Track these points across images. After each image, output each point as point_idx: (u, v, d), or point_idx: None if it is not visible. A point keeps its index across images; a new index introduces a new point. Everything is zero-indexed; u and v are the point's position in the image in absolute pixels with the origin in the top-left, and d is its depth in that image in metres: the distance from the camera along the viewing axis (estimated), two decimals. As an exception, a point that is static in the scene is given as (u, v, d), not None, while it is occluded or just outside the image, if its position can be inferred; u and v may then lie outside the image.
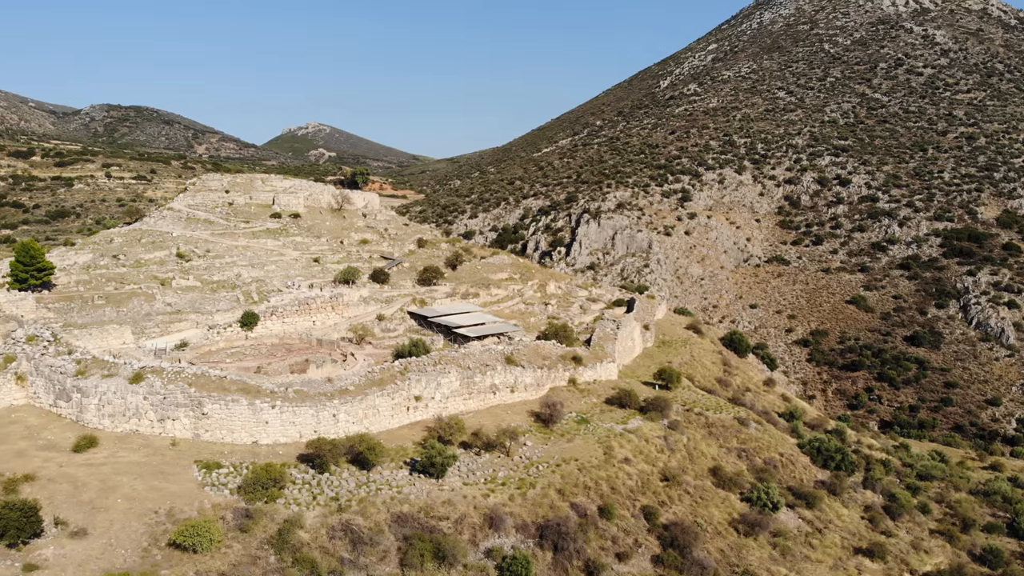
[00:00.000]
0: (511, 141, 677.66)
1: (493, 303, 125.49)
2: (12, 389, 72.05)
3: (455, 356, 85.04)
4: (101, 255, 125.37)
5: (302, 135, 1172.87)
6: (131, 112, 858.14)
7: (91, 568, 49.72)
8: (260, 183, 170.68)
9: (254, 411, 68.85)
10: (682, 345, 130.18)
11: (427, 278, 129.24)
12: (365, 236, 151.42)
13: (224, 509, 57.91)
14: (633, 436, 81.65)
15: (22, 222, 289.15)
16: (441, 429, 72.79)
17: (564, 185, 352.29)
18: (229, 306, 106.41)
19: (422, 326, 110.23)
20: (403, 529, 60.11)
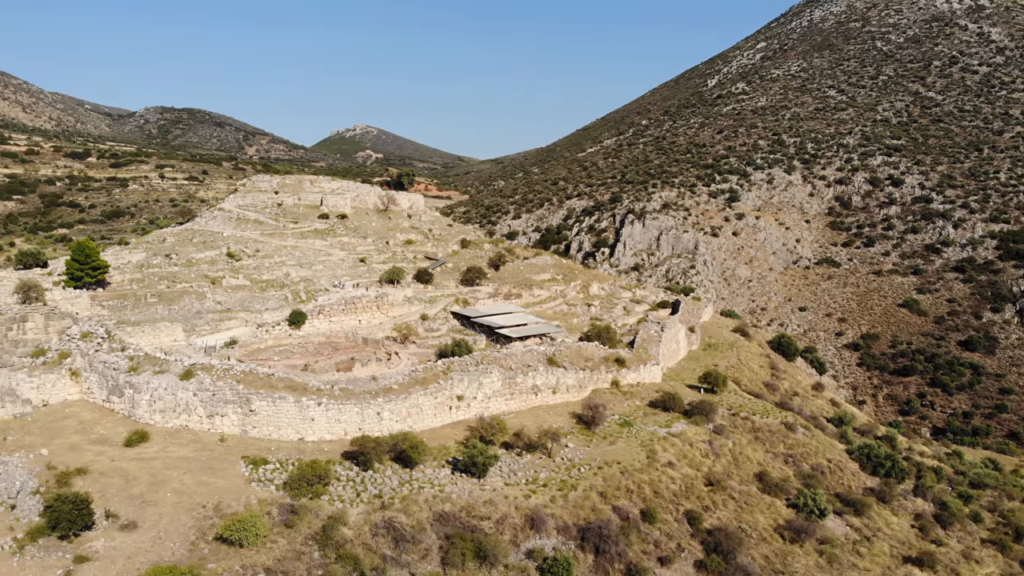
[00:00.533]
0: (555, 141, 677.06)
1: (535, 304, 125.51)
2: (67, 384, 74.51)
3: (497, 356, 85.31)
4: (154, 254, 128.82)
5: (350, 137, 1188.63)
6: (184, 114, 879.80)
7: (140, 561, 51.14)
8: (308, 184, 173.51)
9: (300, 408, 70.09)
10: (729, 348, 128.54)
11: (470, 278, 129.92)
12: (410, 237, 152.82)
13: (270, 505, 59.05)
14: (677, 440, 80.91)
15: (78, 221, 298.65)
16: (483, 429, 73.09)
17: (608, 185, 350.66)
18: (277, 305, 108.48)
19: (465, 326, 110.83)
20: (445, 528, 60.53)
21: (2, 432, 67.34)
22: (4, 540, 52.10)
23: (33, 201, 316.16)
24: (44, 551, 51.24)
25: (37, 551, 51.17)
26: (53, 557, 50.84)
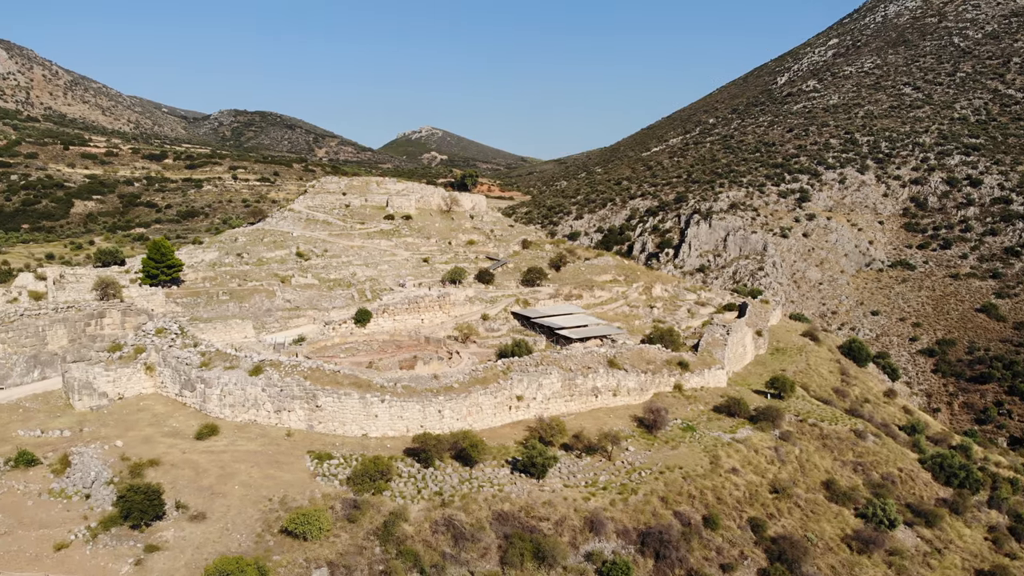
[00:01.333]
0: (619, 141, 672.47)
1: (596, 305, 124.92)
2: (141, 378, 77.59)
3: (557, 357, 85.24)
4: (226, 253, 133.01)
5: (416, 139, 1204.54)
6: (256, 117, 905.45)
7: (208, 551, 52.86)
8: (375, 186, 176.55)
9: (364, 405, 71.42)
10: (797, 353, 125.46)
11: (531, 279, 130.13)
12: (472, 237, 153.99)
13: (333, 499, 60.30)
14: (742, 446, 79.47)
15: (155, 221, 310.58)
16: (542, 430, 73.14)
17: (673, 185, 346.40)
18: (344, 303, 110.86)
19: (525, 326, 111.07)
20: (504, 527, 60.79)
21: (79, 423, 70.61)
22: (78, 528, 54.61)
23: (112, 201, 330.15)
24: (116, 540, 53.47)
25: (110, 539, 53.43)
26: (125, 546, 52.99)
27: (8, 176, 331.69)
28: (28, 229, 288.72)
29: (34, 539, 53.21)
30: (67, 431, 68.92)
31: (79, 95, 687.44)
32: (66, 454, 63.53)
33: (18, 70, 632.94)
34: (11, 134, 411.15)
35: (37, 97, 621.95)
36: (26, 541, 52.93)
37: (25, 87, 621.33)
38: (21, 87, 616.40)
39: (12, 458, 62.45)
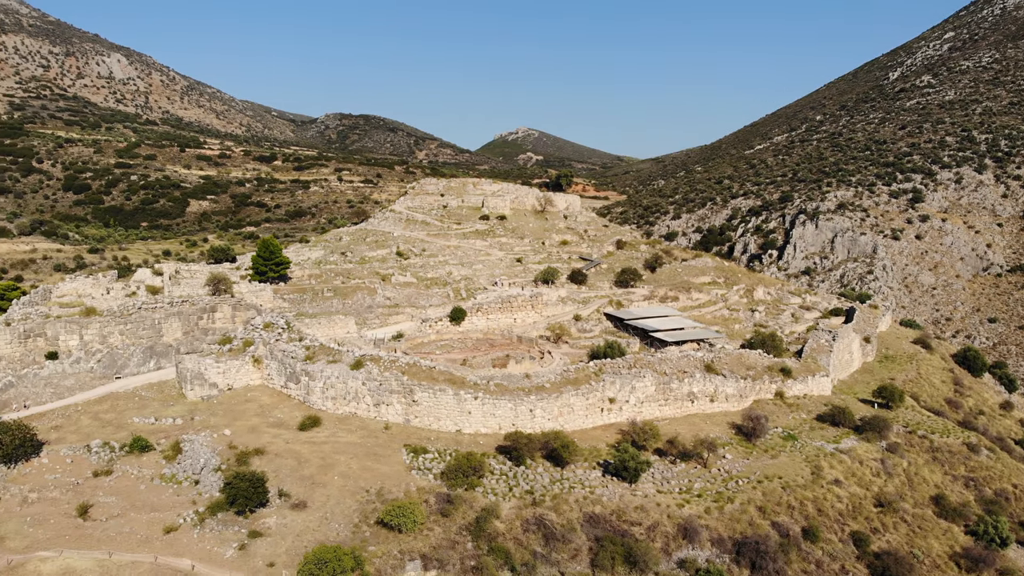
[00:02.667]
0: (720, 139, 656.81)
1: (693, 308, 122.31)
2: (249, 371, 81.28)
3: (651, 360, 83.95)
4: (331, 252, 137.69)
5: (512, 140, 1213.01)
6: (360, 120, 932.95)
7: (308, 539, 54.76)
8: (471, 187, 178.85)
9: (459, 401, 72.50)
10: (907, 361, 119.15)
11: (625, 280, 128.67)
12: (565, 237, 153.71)
13: (428, 493, 61.42)
14: (845, 457, 76.17)
15: (264, 220, 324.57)
16: (635, 433, 72.20)
17: (778, 184, 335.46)
18: (440, 301, 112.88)
19: (618, 328, 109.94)
20: (595, 530, 60.37)
21: (191, 412, 74.59)
22: (187, 513, 57.63)
23: (225, 201, 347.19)
24: (222, 525, 56.12)
25: (216, 524, 56.13)
26: (230, 531, 55.55)
27: (128, 176, 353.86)
28: (147, 227, 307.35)
29: (145, 522, 56.50)
30: (179, 419, 72.96)
31: (194, 100, 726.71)
32: (178, 441, 67.24)
33: (138, 76, 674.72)
34: (131, 137, 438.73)
35: (155, 101, 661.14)
36: (138, 523, 56.26)
37: (144, 92, 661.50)
38: (140, 92, 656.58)
39: (127, 444, 66.59)
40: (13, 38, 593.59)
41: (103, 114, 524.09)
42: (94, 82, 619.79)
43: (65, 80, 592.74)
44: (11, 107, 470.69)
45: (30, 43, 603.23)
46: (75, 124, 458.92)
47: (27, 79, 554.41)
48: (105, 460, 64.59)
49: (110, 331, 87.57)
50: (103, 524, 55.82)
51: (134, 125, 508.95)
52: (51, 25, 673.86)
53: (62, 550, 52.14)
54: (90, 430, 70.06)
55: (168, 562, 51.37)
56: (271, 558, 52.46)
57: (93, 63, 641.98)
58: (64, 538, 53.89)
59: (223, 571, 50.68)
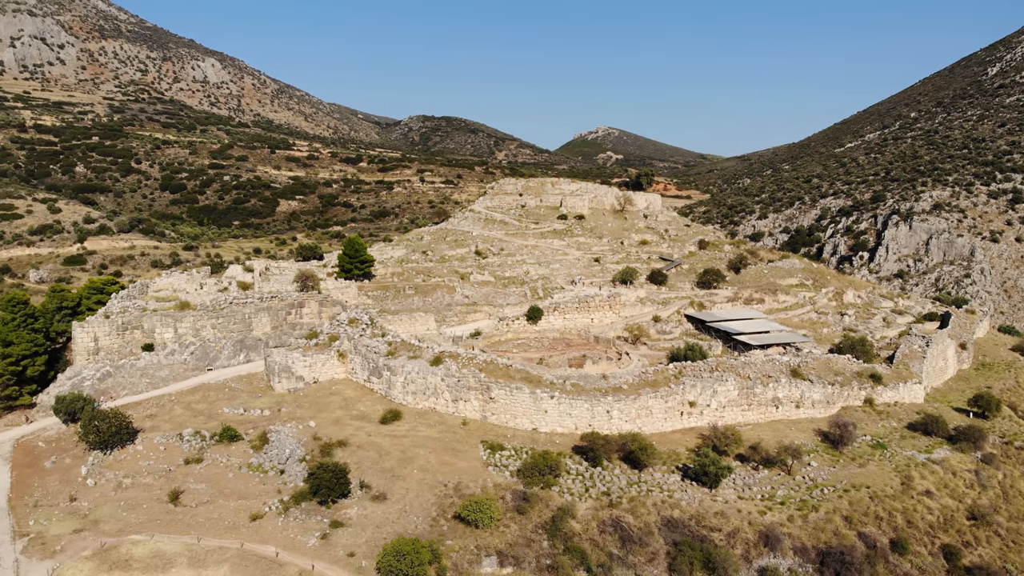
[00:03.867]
0: (809, 136, 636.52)
1: (779, 310, 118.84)
2: (334, 364, 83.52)
3: (734, 364, 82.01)
4: (412, 250, 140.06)
5: (592, 139, 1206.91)
6: (442, 122, 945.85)
7: (387, 531, 55.74)
8: (550, 186, 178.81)
9: (535, 400, 72.53)
10: (1006, 369, 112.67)
11: (707, 281, 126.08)
12: (645, 237, 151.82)
13: (504, 490, 61.66)
14: (937, 467, 72.60)
15: (350, 220, 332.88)
16: (716, 438, 70.65)
17: (870, 183, 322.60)
18: (517, 300, 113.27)
19: (699, 330, 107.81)
20: (673, 534, 59.37)
21: (278, 404, 77.07)
22: (272, 501, 59.54)
23: (312, 201, 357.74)
24: (305, 514, 57.73)
25: (300, 513, 57.79)
26: (313, 520, 57.09)
27: (221, 177, 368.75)
28: (238, 226, 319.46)
29: (232, 509, 58.65)
30: (267, 410, 75.48)
31: (284, 103, 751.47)
32: (265, 432, 69.57)
33: (230, 79, 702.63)
34: (224, 139, 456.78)
35: (247, 104, 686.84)
36: (225, 510, 58.45)
37: (237, 95, 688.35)
38: (233, 95, 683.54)
39: (217, 433, 69.32)
40: (113, 43, 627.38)
41: (198, 117, 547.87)
42: (189, 86, 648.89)
43: (162, 84, 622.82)
44: (111, 110, 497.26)
45: (129, 48, 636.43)
46: (171, 126, 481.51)
47: (126, 83, 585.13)
48: (196, 448, 67.38)
49: (203, 324, 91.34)
50: (192, 510, 58.23)
51: (227, 127, 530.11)
52: (149, 31, 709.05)
53: (153, 534, 54.63)
54: (182, 419, 73.24)
55: (253, 548, 53.15)
56: (351, 548, 53.64)
57: (189, 67, 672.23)
58: (155, 523, 56.46)
59: (305, 559, 52.12)
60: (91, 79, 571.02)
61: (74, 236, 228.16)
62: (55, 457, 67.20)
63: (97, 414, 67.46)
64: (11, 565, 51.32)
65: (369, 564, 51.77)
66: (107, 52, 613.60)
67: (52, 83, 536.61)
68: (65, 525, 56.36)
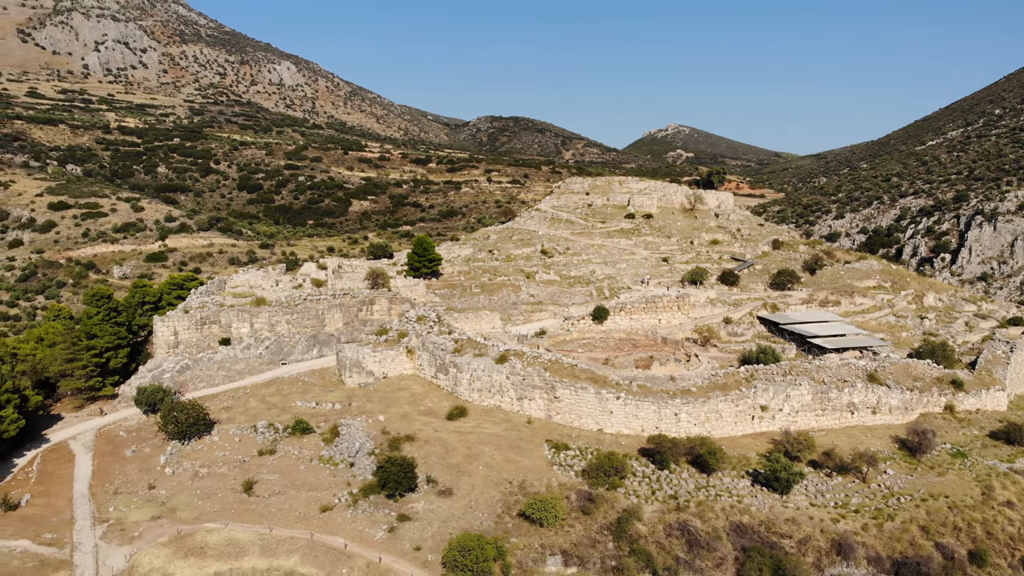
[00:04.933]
0: (888, 134, 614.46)
1: (856, 313, 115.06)
2: (403, 360, 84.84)
3: (808, 368, 79.85)
4: (479, 249, 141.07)
5: (661, 137, 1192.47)
6: (510, 123, 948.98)
7: (453, 526, 56.29)
8: (617, 185, 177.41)
9: (600, 400, 72.10)
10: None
11: (780, 282, 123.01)
12: (716, 236, 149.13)
13: (569, 489, 61.52)
14: (1020, 477, 69.20)
15: (419, 219, 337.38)
16: (788, 443, 68.90)
17: (952, 182, 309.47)
18: (583, 300, 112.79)
19: (772, 332, 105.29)
20: (741, 539, 58.21)
21: (348, 398, 78.71)
22: (342, 493, 60.83)
23: (383, 201, 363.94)
24: (373, 507, 58.79)
25: (368, 506, 58.88)
26: (380, 513, 58.08)
27: (296, 178, 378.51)
28: (312, 225, 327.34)
29: (303, 500, 60.19)
30: (337, 404, 77.19)
31: (356, 105, 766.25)
32: (336, 425, 71.17)
33: (305, 82, 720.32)
34: (299, 140, 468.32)
35: (321, 107, 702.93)
36: (296, 501, 60.02)
37: (311, 98, 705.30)
38: (308, 98, 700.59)
39: (290, 426, 71.26)
40: (193, 48, 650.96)
41: (274, 119, 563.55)
42: (266, 88, 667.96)
43: (240, 87, 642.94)
44: (191, 112, 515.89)
45: (208, 52, 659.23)
46: (249, 128, 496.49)
47: (206, 86, 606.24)
48: (269, 440, 69.39)
49: (278, 320, 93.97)
50: (265, 500, 59.98)
51: (302, 129, 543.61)
52: (227, 35, 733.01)
53: (227, 523, 56.49)
54: (257, 412, 75.52)
55: (323, 539, 54.43)
56: (418, 542, 54.37)
57: (265, 71, 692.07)
58: (229, 511, 58.38)
59: (373, 551, 53.07)
60: (172, 82, 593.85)
61: (156, 234, 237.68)
62: (135, 446, 70.20)
63: (176, 405, 70.18)
64: (91, 550, 53.87)
65: (435, 559, 52.37)
66: (187, 56, 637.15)
67: (135, 86, 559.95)
68: (143, 512, 58.81)
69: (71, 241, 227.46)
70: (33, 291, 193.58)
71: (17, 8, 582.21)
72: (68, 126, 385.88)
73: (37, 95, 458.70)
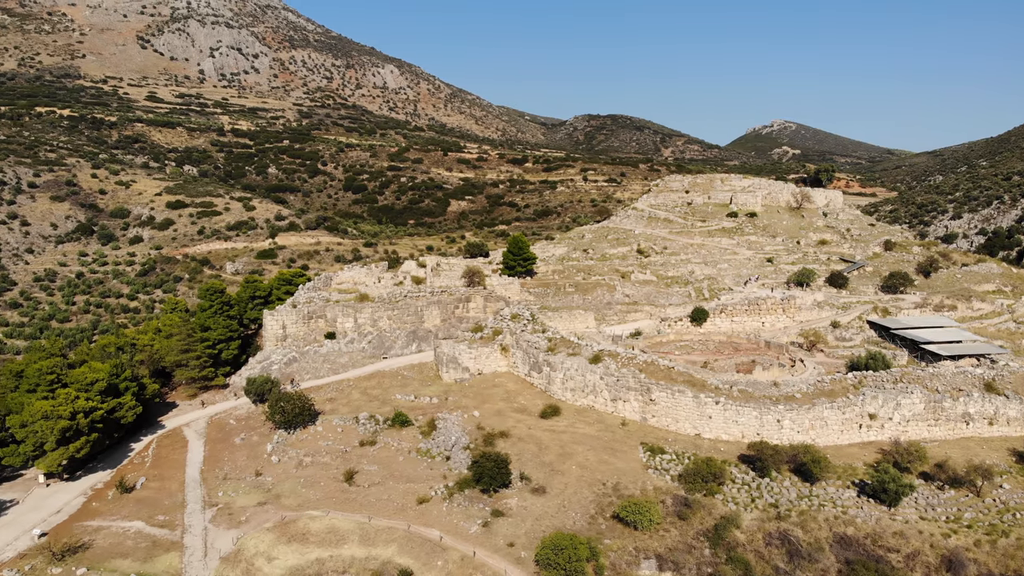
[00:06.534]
0: (1009, 130, 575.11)
1: (974, 319, 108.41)
2: (497, 358, 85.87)
3: (921, 375, 75.88)
4: (573, 249, 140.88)
5: (766, 134, 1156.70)
6: (607, 121, 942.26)
7: (546, 524, 56.53)
8: (719, 183, 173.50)
9: (698, 404, 70.74)
10: None
11: (892, 285, 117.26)
12: (824, 236, 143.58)
13: (664, 494, 60.72)
14: None
15: (514, 219, 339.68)
16: (898, 454, 65.73)
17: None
18: (680, 301, 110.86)
19: (882, 337, 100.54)
20: (845, 552, 55.97)
21: (445, 393, 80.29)
22: (438, 486, 62.09)
23: (480, 201, 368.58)
24: (468, 501, 59.72)
25: (463, 500, 59.87)
26: (475, 507, 58.95)
27: (398, 179, 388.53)
28: (413, 224, 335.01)
29: (401, 491, 61.78)
30: (435, 398, 78.88)
31: (456, 107, 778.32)
32: (433, 419, 72.75)
33: (407, 85, 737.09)
34: (401, 142, 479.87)
35: (423, 109, 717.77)
36: (395, 492, 61.67)
37: (413, 100, 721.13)
38: (410, 100, 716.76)
39: (390, 418, 73.33)
40: (302, 52, 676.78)
41: (377, 121, 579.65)
42: (370, 92, 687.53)
43: (346, 90, 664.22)
44: (300, 115, 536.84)
45: (316, 57, 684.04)
46: (354, 130, 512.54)
47: (313, 90, 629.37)
48: (370, 431, 71.63)
49: (379, 316, 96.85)
50: (365, 490, 61.94)
51: (404, 131, 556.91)
52: (334, 40, 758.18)
53: (329, 511, 58.65)
54: (359, 403, 78.09)
55: (419, 531, 55.76)
56: (511, 538, 54.92)
57: (370, 74, 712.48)
58: (331, 500, 60.59)
59: (467, 545, 53.98)
60: (282, 86, 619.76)
61: (266, 232, 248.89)
62: (244, 434, 73.83)
63: (283, 396, 73.40)
64: (200, 533, 56.97)
65: (528, 555, 52.78)
66: (296, 61, 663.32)
67: (247, 90, 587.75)
68: (250, 498, 61.75)
69: (187, 238, 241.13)
70: (152, 285, 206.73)
71: (137, 16, 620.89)
72: (185, 129, 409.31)
73: (156, 99, 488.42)
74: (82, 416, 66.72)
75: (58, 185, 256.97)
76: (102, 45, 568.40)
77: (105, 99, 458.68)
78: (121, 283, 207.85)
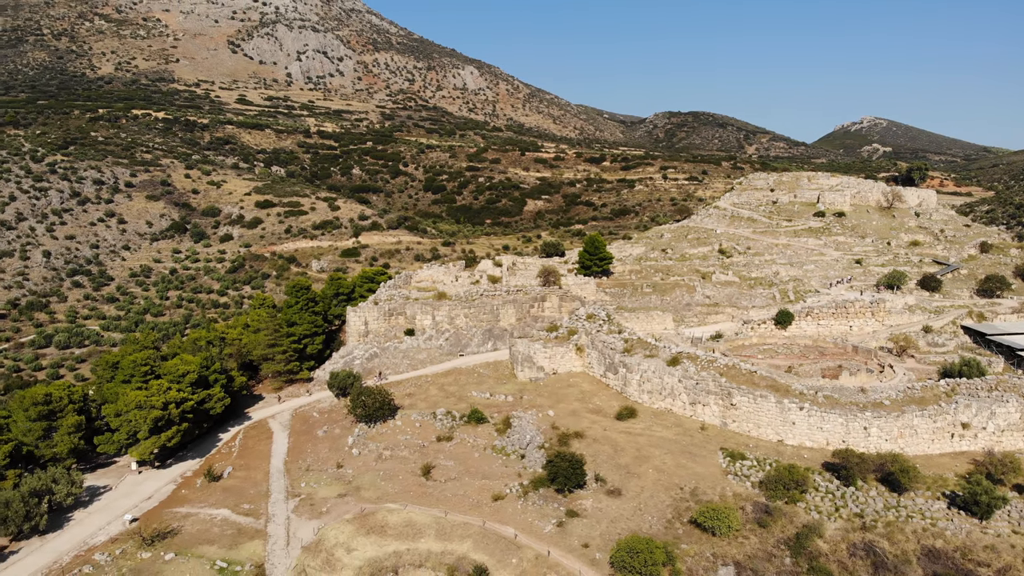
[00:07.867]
0: None
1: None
2: (572, 358, 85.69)
3: (1017, 383, 71.90)
4: (651, 248, 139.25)
5: (855, 131, 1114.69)
6: (689, 118, 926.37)
7: (621, 526, 56.13)
8: (805, 181, 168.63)
9: (781, 410, 68.90)
10: None
11: (989, 288, 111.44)
12: (916, 237, 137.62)
13: (744, 500, 59.45)
14: None
15: (591, 218, 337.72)
16: (992, 465, 62.52)
17: None
18: (764, 303, 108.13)
19: (977, 343, 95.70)
20: (933, 565, 53.63)
21: (520, 391, 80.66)
22: (513, 484, 62.42)
23: (557, 200, 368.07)
24: (543, 500, 59.86)
25: (537, 499, 60.04)
26: (549, 507, 59.05)
27: (476, 179, 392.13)
28: (490, 224, 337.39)
29: (476, 488, 62.40)
30: (510, 396, 79.37)
31: (534, 106, 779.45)
32: (508, 416, 73.23)
33: (487, 86, 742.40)
34: (480, 142, 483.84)
35: (501, 109, 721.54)
36: (470, 488, 62.33)
37: (492, 101, 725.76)
38: (488, 101, 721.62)
39: (466, 415, 74.24)
40: (385, 55, 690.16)
41: (457, 122, 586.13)
42: (450, 93, 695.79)
43: (427, 92, 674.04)
44: (383, 117, 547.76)
45: (398, 59, 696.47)
46: (434, 132, 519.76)
47: (395, 92, 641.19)
48: (447, 427, 72.69)
49: (456, 313, 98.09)
50: (441, 485, 62.87)
51: (482, 132, 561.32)
52: (415, 42, 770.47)
53: (406, 504, 59.76)
54: (436, 399, 79.31)
55: (494, 528, 56.23)
56: (586, 539, 54.80)
57: (450, 76, 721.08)
58: (409, 494, 61.72)
59: (542, 544, 54.14)
60: (366, 89, 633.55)
61: (350, 231, 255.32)
62: (326, 427, 75.98)
63: (364, 390, 75.24)
64: (283, 522, 58.88)
65: (603, 557, 52.56)
66: (379, 63, 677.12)
67: (332, 93, 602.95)
68: (331, 489, 63.49)
69: (275, 236, 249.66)
70: (240, 282, 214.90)
71: (227, 21, 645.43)
72: (273, 131, 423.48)
73: (246, 102, 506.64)
74: (173, 406, 69.96)
75: (153, 185, 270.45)
76: (194, 50, 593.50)
77: (198, 102, 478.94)
78: (212, 279, 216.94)
